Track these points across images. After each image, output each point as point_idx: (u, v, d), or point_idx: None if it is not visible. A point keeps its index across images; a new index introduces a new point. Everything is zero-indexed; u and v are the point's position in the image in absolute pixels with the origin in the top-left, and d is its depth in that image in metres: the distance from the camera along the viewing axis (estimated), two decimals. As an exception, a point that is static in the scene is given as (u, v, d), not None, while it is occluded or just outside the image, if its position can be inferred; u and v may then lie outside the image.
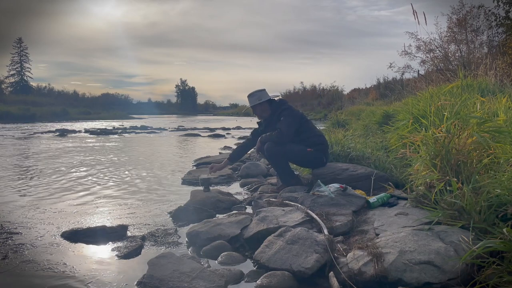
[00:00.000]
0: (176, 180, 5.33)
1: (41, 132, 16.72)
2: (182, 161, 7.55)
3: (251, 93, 4.03)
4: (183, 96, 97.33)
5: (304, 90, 57.22)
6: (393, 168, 3.80)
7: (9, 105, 34.45)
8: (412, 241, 2.01)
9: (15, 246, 2.67)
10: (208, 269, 2.14)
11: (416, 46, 15.32)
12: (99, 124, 24.68)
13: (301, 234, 2.33)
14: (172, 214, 3.44)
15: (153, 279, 1.98)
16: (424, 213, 2.47)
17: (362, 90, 36.40)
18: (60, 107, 38.56)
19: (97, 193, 4.44)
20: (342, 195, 3.10)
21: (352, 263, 2.02)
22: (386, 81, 27.25)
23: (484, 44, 13.66)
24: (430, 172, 2.62)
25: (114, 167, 6.58)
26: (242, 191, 4.52)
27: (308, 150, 3.79)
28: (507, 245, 1.69)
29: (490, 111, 3.32)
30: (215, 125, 23.85)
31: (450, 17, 14.52)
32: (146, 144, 11.74)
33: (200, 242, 2.68)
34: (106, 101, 64.97)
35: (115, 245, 2.69)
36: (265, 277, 2.07)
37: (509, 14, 11.08)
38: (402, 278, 1.84)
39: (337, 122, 9.88)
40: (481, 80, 5.93)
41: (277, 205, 3.20)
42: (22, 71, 60.91)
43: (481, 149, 2.54)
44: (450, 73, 9.85)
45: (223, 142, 11.83)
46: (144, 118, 39.97)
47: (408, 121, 3.57)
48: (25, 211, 3.61)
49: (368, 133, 6.43)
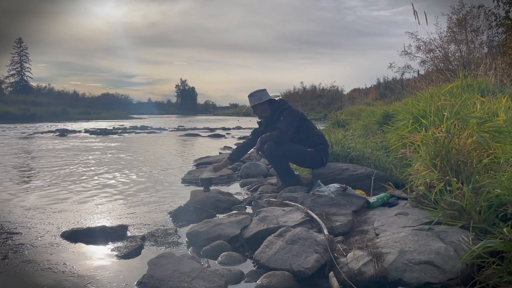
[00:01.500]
0: (176, 180, 5.33)
1: (41, 132, 16.71)
2: (182, 161, 7.55)
3: (251, 93, 4.03)
4: (183, 96, 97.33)
5: (304, 90, 57.21)
6: (393, 168, 3.80)
7: (9, 105, 34.44)
8: (412, 241, 2.01)
9: (15, 246, 2.67)
10: (208, 269, 2.14)
11: (416, 46, 15.34)
12: (99, 124, 24.67)
13: (301, 234, 2.33)
14: (172, 214, 3.44)
15: (153, 279, 1.98)
16: (424, 213, 2.46)
17: (362, 90, 36.43)
18: (60, 107, 38.54)
19: (97, 193, 4.44)
20: (342, 195, 3.10)
21: (352, 263, 2.02)
22: (386, 81, 27.30)
23: (484, 44, 13.67)
24: (430, 172, 2.62)
25: (114, 167, 6.58)
26: (242, 191, 4.52)
27: (308, 150, 3.79)
28: (507, 245, 1.69)
29: (490, 111, 3.32)
30: (215, 125, 23.85)
31: (450, 17, 14.54)
32: (146, 144, 11.74)
33: (200, 242, 2.68)
34: (106, 101, 64.94)
35: (115, 245, 2.69)
36: (265, 277, 2.07)
37: (509, 14, 11.08)
38: (402, 278, 1.84)
39: (337, 122, 9.88)
40: (481, 80, 5.93)
41: (277, 205, 3.20)
42: (22, 71, 60.92)
43: (481, 149, 2.53)
44: (450, 73, 9.85)
45: (223, 142, 11.83)
46: (144, 118, 39.96)
47: (408, 121, 3.57)
48: (25, 211, 3.61)
49: (368, 133, 6.43)
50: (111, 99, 70.90)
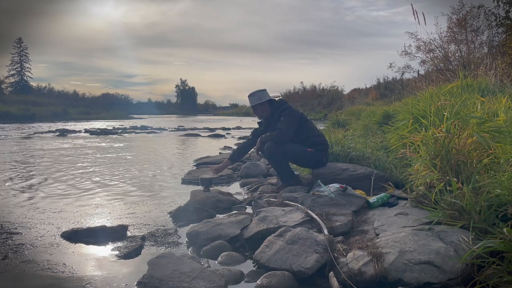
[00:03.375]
0: (176, 180, 5.32)
1: (41, 132, 16.71)
2: (182, 161, 7.55)
3: (251, 93, 4.04)
4: (183, 96, 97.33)
5: (304, 90, 57.23)
6: (393, 168, 3.80)
7: (9, 105, 34.44)
8: (412, 241, 2.01)
9: (15, 246, 2.67)
10: (208, 269, 2.14)
11: (416, 46, 15.38)
12: (99, 124, 24.67)
13: (301, 234, 2.33)
14: (172, 214, 3.44)
15: (153, 279, 1.98)
16: (424, 213, 2.47)
17: (362, 90, 36.42)
18: (60, 107, 38.55)
19: (97, 193, 4.44)
20: (342, 195, 3.10)
21: (352, 263, 2.02)
22: (386, 81, 27.32)
23: (484, 44, 13.69)
24: (430, 172, 2.62)
25: (114, 167, 6.58)
26: (242, 191, 4.52)
27: (308, 150, 3.79)
28: (507, 245, 1.69)
29: (490, 111, 3.32)
30: (215, 125, 23.85)
31: (450, 17, 14.56)
32: (146, 144, 11.74)
33: (200, 242, 2.68)
34: (106, 101, 64.93)
35: (115, 245, 2.69)
36: (265, 277, 2.07)
37: (509, 14, 11.09)
38: (402, 278, 1.84)
39: (337, 122, 9.87)
40: (481, 80, 5.93)
41: (277, 205, 3.20)
42: (22, 71, 60.96)
43: (481, 149, 2.53)
44: (450, 73, 9.86)
45: (223, 142, 11.83)
46: (144, 118, 39.94)
47: (408, 121, 3.57)
48: (25, 211, 3.61)
49: (368, 133, 6.43)
50: (111, 99, 70.86)
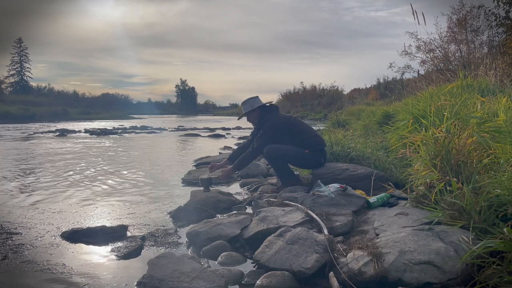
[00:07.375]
0: (176, 180, 5.32)
1: (41, 132, 16.71)
2: (182, 161, 7.55)
3: (244, 101, 4.10)
4: (183, 96, 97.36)
5: (304, 90, 57.11)
6: (393, 168, 3.80)
7: (9, 105, 34.43)
8: (412, 241, 2.01)
9: (15, 246, 2.67)
10: (208, 269, 2.14)
11: (416, 46, 15.38)
12: (99, 124, 24.67)
13: (301, 234, 2.33)
14: (172, 214, 3.44)
15: (153, 279, 1.98)
16: (424, 213, 2.46)
17: (362, 90, 36.43)
18: (60, 107, 38.58)
19: (97, 193, 4.44)
20: (342, 195, 3.10)
21: (352, 263, 2.02)
22: (386, 81, 27.29)
23: (484, 44, 13.69)
24: (430, 172, 2.62)
25: (114, 167, 6.57)
26: (242, 191, 4.52)
27: (305, 152, 3.79)
28: (507, 245, 1.69)
29: (490, 111, 3.32)
30: (215, 125, 23.85)
31: (450, 17, 14.56)
32: (146, 144, 11.73)
33: (200, 242, 2.68)
34: (105, 101, 64.93)
35: (115, 245, 2.69)
36: (265, 277, 2.07)
37: (509, 14, 11.09)
38: (402, 278, 1.84)
39: (337, 122, 9.87)
40: (481, 80, 5.93)
41: (277, 205, 3.20)
42: (22, 71, 60.91)
43: (481, 149, 2.53)
44: (450, 73, 9.86)
45: (223, 142, 11.83)
46: (144, 118, 39.97)
47: (408, 121, 3.57)
48: (25, 211, 3.61)
49: (368, 133, 6.43)
50: (111, 99, 70.89)
